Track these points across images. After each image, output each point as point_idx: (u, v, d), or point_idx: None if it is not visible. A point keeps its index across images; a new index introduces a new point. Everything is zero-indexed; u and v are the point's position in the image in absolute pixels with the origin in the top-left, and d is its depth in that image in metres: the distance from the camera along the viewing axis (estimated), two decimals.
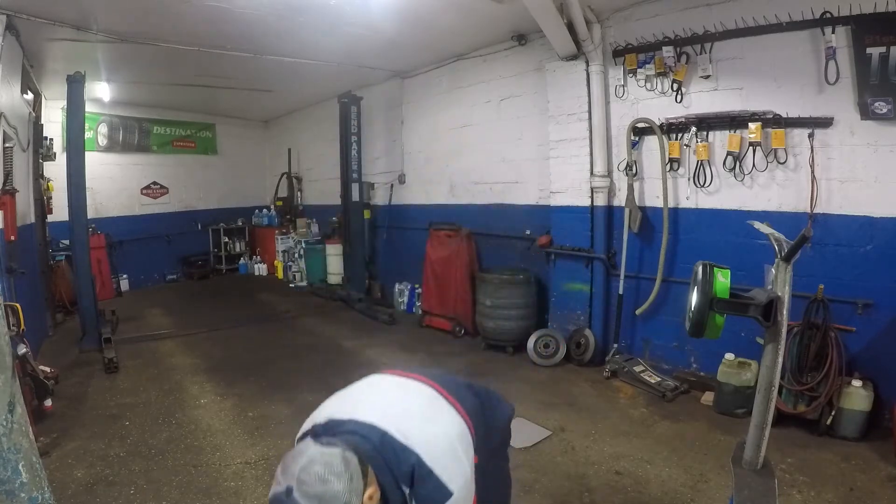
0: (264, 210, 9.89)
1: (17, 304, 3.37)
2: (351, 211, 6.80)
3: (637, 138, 4.17)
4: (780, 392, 2.66)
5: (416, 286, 6.31)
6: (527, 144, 5.10)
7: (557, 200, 4.67)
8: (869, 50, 2.99)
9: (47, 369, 3.74)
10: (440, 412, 1.37)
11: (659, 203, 4.05)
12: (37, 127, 5.85)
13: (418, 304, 6.20)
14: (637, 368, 4.05)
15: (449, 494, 1.21)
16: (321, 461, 1.05)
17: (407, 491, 1.21)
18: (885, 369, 3.09)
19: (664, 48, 3.86)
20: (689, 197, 3.97)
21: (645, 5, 4.04)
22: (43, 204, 5.83)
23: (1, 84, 3.99)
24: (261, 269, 9.38)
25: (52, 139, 6.37)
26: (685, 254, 4.01)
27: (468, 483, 1.28)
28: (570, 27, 4.04)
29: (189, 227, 9.04)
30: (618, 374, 4.13)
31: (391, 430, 1.24)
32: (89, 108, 5.86)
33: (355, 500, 1.07)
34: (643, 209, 4.19)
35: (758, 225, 1.27)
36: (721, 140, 3.70)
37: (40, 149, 5.92)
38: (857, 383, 3.01)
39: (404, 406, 1.36)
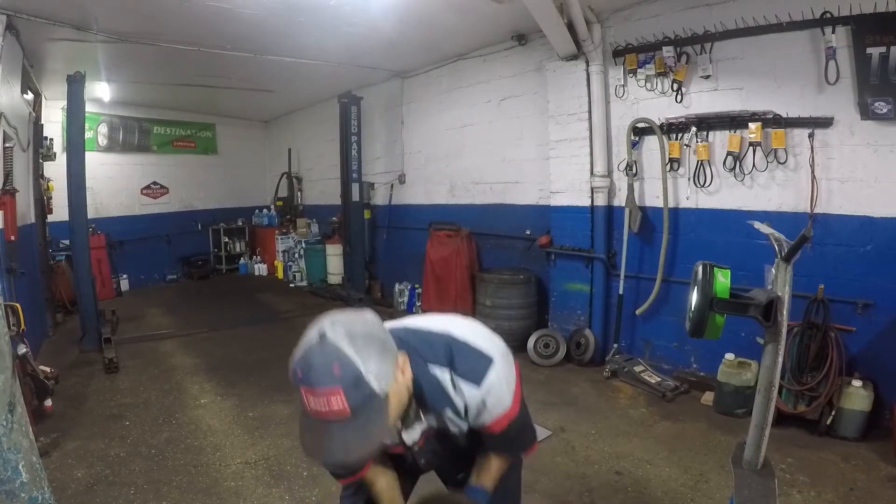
0: (264, 210, 9.88)
1: (17, 304, 3.36)
2: (351, 211, 6.80)
3: (637, 138, 4.17)
4: (780, 392, 2.66)
5: (416, 286, 6.31)
6: (527, 144, 5.10)
7: (557, 200, 4.67)
8: (869, 50, 2.98)
9: (47, 369, 3.74)
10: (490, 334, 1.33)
11: (659, 203, 4.05)
12: (37, 127, 5.85)
13: (418, 304, 6.20)
14: (637, 368, 4.05)
15: (490, 360, 1.19)
16: (347, 319, 1.05)
17: (448, 373, 1.18)
18: (885, 369, 3.09)
19: (664, 48, 3.86)
20: (689, 197, 3.97)
21: (645, 5, 4.04)
22: (43, 204, 5.83)
23: (1, 84, 3.99)
24: (261, 269, 9.38)
25: (52, 139, 6.36)
26: (685, 254, 4.01)
27: (507, 357, 1.25)
28: (570, 27, 4.04)
29: (189, 227, 9.03)
30: (618, 374, 4.13)
31: (419, 325, 1.27)
32: (89, 108, 5.85)
33: (386, 339, 1.05)
34: (643, 209, 4.19)
35: (758, 225, 1.26)
36: (721, 140, 3.70)
37: (40, 149, 5.91)
38: (857, 383, 3.00)
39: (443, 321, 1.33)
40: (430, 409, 1.21)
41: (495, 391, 1.19)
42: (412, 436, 1.27)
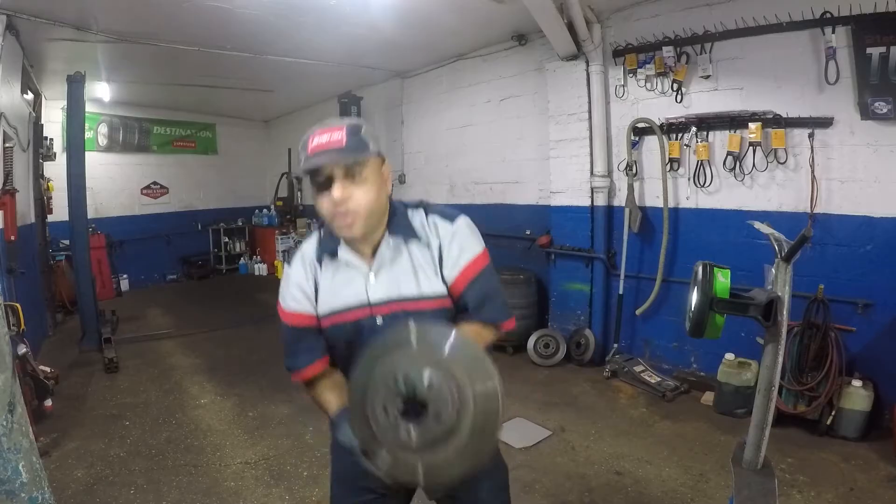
0: (264, 210, 9.88)
1: (17, 304, 3.37)
2: None
3: (637, 138, 4.17)
4: (780, 392, 2.65)
5: None
6: (527, 144, 5.10)
7: (557, 200, 4.67)
8: (869, 50, 2.98)
9: (47, 369, 3.74)
10: None
11: (659, 203, 4.05)
12: (37, 127, 5.84)
13: None
14: (637, 368, 4.05)
15: (461, 214, 1.29)
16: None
17: (422, 212, 1.28)
18: (885, 369, 3.09)
19: (664, 48, 3.86)
20: (689, 197, 3.97)
21: (645, 5, 4.04)
22: (43, 204, 5.83)
23: (1, 84, 3.98)
24: (261, 269, 9.37)
25: (52, 139, 6.36)
26: (685, 254, 4.01)
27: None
28: (570, 27, 4.04)
29: (189, 227, 9.02)
30: (618, 374, 4.13)
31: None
32: (89, 108, 5.85)
33: (370, 134, 1.16)
34: (643, 209, 4.19)
35: (758, 225, 1.26)
36: (721, 140, 3.70)
37: (40, 149, 5.91)
38: (857, 383, 3.00)
39: None
40: (399, 235, 1.24)
41: (466, 231, 1.27)
42: (378, 289, 1.23)
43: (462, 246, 1.25)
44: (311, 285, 1.29)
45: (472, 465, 0.98)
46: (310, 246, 1.33)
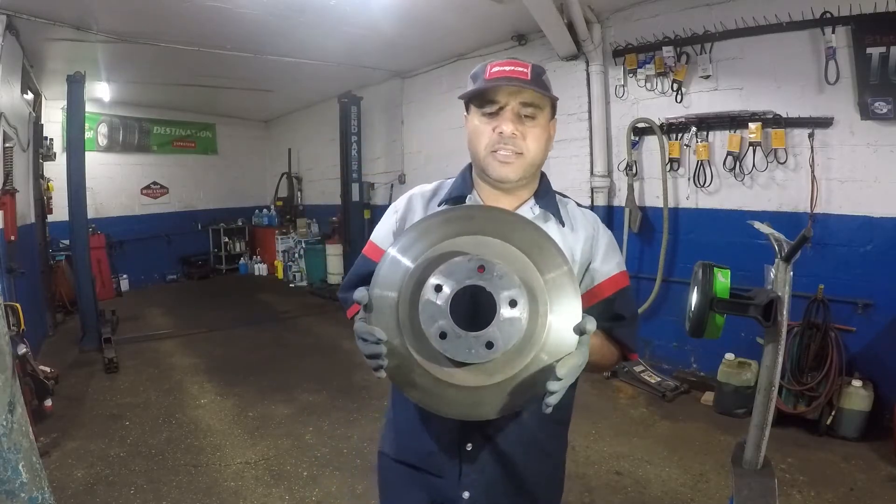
0: (264, 210, 9.88)
1: (17, 304, 3.37)
2: (351, 211, 6.79)
3: (637, 138, 4.17)
4: (780, 392, 2.65)
5: None
6: None
7: None
8: (869, 50, 2.98)
9: (47, 369, 3.74)
10: None
11: (659, 203, 4.05)
12: (37, 127, 5.84)
13: None
14: (637, 368, 4.05)
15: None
16: None
17: (566, 199, 1.18)
18: (885, 369, 3.09)
19: (664, 48, 3.86)
20: (689, 197, 3.97)
21: (645, 5, 4.04)
22: (43, 204, 5.82)
23: (1, 84, 3.98)
24: (261, 269, 9.38)
25: (52, 139, 6.35)
26: (685, 254, 4.01)
27: None
28: (570, 27, 4.04)
29: (189, 227, 9.02)
30: (618, 374, 4.12)
31: None
32: (89, 108, 5.86)
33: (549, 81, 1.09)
34: (643, 209, 4.19)
35: (758, 225, 1.26)
36: (721, 140, 3.70)
37: (40, 149, 5.91)
38: (857, 383, 3.00)
39: None
40: (544, 208, 1.11)
41: (609, 234, 1.14)
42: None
43: (616, 251, 1.14)
44: None
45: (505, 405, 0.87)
46: (430, 186, 1.22)
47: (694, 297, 1.11)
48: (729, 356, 3.51)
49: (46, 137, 6.20)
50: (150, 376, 4.34)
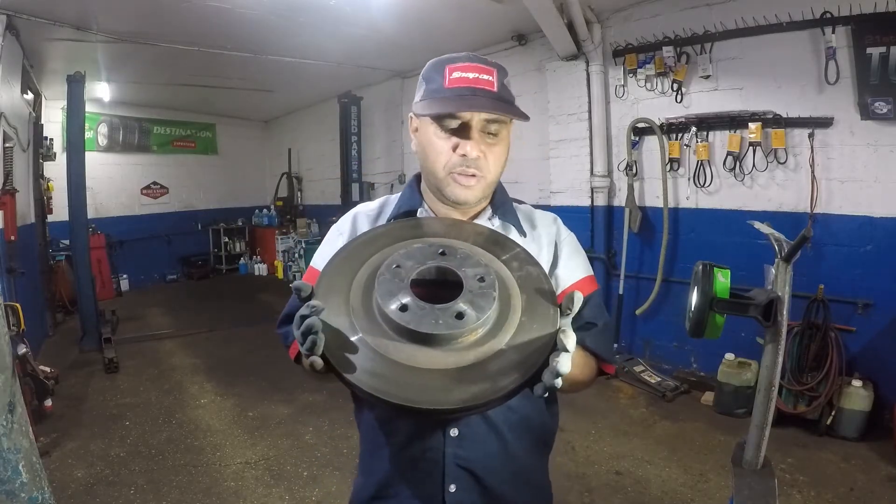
0: (264, 210, 9.88)
1: (17, 304, 3.37)
2: None
3: (637, 138, 4.17)
4: (780, 392, 2.65)
5: None
6: (527, 144, 5.10)
7: (557, 200, 4.67)
8: (869, 50, 2.98)
9: (47, 369, 3.74)
10: None
11: (659, 203, 4.05)
12: (37, 127, 5.84)
13: None
14: (637, 368, 4.06)
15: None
16: None
17: (524, 204, 1.14)
18: (885, 369, 3.09)
19: (664, 48, 3.86)
20: (689, 197, 3.97)
21: (645, 5, 4.04)
22: (43, 204, 5.82)
23: (1, 84, 3.99)
24: (261, 269, 9.37)
25: (52, 139, 6.36)
26: (685, 254, 4.01)
27: None
28: (570, 27, 4.04)
29: (189, 227, 9.02)
30: (618, 374, 4.13)
31: None
32: (89, 108, 5.85)
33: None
34: (643, 209, 4.19)
35: (758, 225, 1.26)
36: (721, 140, 3.70)
37: (40, 149, 5.91)
38: (857, 383, 3.00)
39: None
40: (503, 219, 1.05)
41: (571, 235, 1.09)
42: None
43: (580, 254, 1.08)
44: None
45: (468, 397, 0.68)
46: (374, 204, 1.11)
47: (694, 297, 1.11)
48: (729, 356, 3.51)
49: (46, 137, 6.20)
50: (150, 376, 4.34)
